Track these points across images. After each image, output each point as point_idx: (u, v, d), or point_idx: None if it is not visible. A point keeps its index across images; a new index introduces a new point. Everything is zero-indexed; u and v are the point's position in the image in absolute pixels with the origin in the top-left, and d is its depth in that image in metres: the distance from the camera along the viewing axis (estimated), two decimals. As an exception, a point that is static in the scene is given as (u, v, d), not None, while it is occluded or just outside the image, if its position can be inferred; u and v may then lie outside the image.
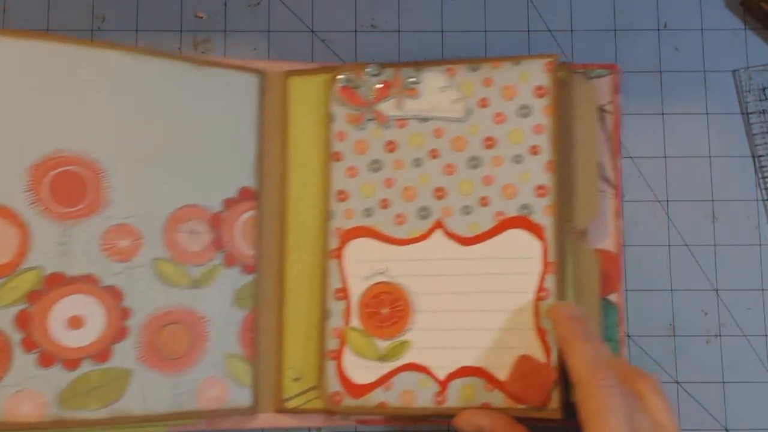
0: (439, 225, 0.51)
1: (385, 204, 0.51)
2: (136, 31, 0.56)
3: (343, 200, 0.52)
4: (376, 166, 0.52)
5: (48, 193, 0.47)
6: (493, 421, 0.47)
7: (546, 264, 0.49)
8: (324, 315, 0.51)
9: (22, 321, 0.46)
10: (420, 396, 0.49)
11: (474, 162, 0.51)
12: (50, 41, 0.47)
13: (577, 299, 0.50)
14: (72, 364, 0.47)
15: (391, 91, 0.52)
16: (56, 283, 0.47)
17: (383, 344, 0.50)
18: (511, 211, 0.50)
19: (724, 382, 0.53)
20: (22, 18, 0.56)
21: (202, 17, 0.56)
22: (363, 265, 0.51)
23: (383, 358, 0.50)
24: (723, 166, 0.55)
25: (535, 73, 0.51)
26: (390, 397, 0.49)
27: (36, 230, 0.46)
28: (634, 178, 0.55)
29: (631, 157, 0.55)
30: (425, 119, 0.51)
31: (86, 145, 0.48)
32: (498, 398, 0.48)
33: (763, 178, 0.55)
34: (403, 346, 0.50)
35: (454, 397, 0.49)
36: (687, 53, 0.56)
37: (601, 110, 0.54)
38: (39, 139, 0.47)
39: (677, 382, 0.53)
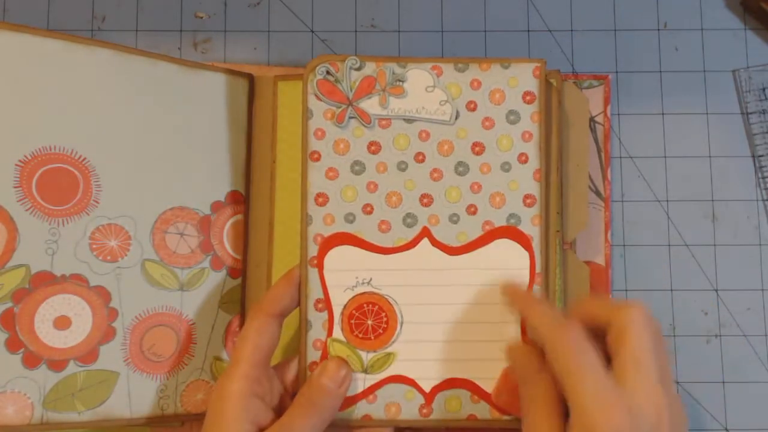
0: (425, 233, 0.48)
1: (368, 209, 0.48)
2: (136, 31, 0.55)
3: (322, 204, 0.48)
4: (358, 168, 0.48)
5: (37, 190, 0.45)
6: None
7: (533, 275, 0.47)
8: (304, 326, 0.48)
9: (7, 320, 0.44)
10: (405, 408, 0.47)
11: (462, 168, 0.48)
12: (41, 36, 0.46)
13: (565, 311, 0.48)
14: (58, 365, 0.45)
15: (375, 88, 0.48)
16: (43, 282, 0.45)
17: (368, 356, 0.47)
18: (499, 221, 0.47)
19: (724, 382, 0.53)
20: (22, 18, 0.55)
21: (202, 17, 0.56)
22: (345, 274, 0.47)
23: (368, 370, 0.47)
24: (723, 166, 0.54)
25: (524, 78, 0.48)
26: (374, 409, 0.47)
27: (24, 227, 0.45)
28: (634, 178, 0.54)
29: (631, 157, 0.54)
30: (411, 120, 0.48)
31: (75, 143, 0.47)
32: (484, 410, 0.47)
33: (763, 178, 0.54)
34: (389, 357, 0.47)
35: (439, 410, 0.47)
36: (687, 53, 0.55)
37: (593, 121, 0.53)
38: (28, 135, 0.45)
39: (677, 382, 0.53)
